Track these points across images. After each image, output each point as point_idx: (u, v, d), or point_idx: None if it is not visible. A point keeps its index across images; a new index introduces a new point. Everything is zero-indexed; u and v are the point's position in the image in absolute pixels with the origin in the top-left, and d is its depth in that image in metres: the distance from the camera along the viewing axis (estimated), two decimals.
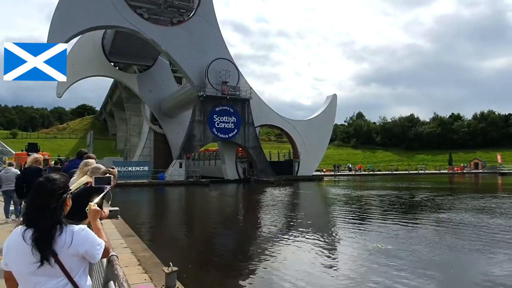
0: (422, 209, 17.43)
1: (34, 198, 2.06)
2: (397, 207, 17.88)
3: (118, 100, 64.35)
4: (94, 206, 2.59)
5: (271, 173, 40.79)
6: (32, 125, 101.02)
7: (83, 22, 34.23)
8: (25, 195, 8.13)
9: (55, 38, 32.72)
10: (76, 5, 33.41)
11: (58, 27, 33.06)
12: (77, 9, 33.32)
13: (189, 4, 39.99)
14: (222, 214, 18.08)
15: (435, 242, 9.77)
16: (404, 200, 20.83)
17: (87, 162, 5.09)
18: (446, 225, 12.43)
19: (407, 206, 18.53)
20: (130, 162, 43.79)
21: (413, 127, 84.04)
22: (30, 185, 2.26)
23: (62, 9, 33.35)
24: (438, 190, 27.25)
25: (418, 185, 32.58)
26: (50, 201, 2.01)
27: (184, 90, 44.74)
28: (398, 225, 12.69)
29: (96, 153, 33.30)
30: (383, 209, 17.18)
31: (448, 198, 21.28)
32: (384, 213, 15.95)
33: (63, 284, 1.96)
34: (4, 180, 10.56)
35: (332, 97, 48.44)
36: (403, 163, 70.99)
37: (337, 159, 70.99)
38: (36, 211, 2.00)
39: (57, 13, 33.32)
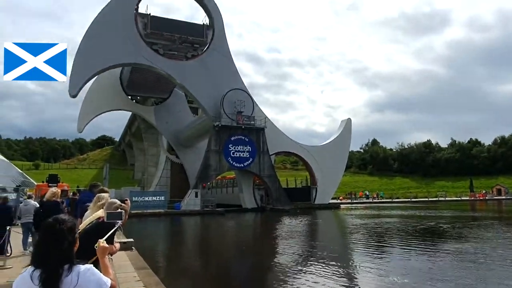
0: (443, 238, 16.88)
1: (43, 239, 2.14)
2: (417, 236, 17.35)
3: (137, 131, 65.81)
4: (103, 243, 2.61)
5: (286, 202, 40.44)
6: (54, 156, 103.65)
7: (104, 61, 35.90)
8: None
9: (78, 77, 34.51)
10: (97, 45, 35.00)
11: (81, 67, 34.59)
12: (98, 49, 34.90)
13: (203, 39, 41.38)
14: (237, 245, 17.92)
15: (456, 277, 9.34)
16: (424, 229, 20.22)
17: (100, 196, 5.25)
18: (469, 257, 11.92)
19: (428, 235, 17.96)
20: (147, 192, 44.18)
21: (430, 153, 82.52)
22: (48, 218, 2.36)
23: (84, 50, 35.01)
24: (460, 218, 26.40)
25: (438, 213, 31.67)
26: (58, 242, 2.04)
27: (200, 120, 45.59)
28: (418, 255, 12.33)
29: (114, 183, 34.09)
30: (402, 239, 16.69)
31: (471, 227, 20.58)
32: (403, 242, 15.49)
33: None
34: (23, 213, 10.84)
35: (346, 122, 48.37)
36: (422, 190, 69.30)
37: (353, 186, 69.92)
38: (44, 252, 2.05)
39: (79, 53, 34.95)
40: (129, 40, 36.81)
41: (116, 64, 38.35)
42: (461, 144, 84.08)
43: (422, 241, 16.08)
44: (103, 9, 36.81)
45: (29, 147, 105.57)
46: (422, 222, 23.96)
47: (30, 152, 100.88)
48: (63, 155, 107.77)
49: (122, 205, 4.27)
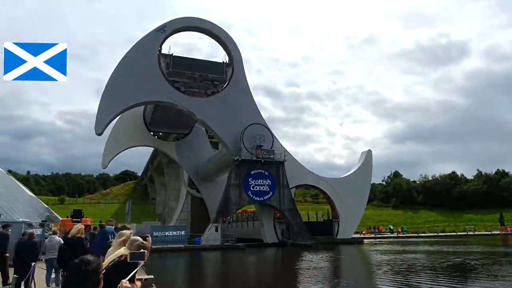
0: (473, 276, 16.12)
1: (69, 279, 2.32)
2: (445, 274, 16.63)
3: (158, 166, 66.96)
4: (126, 283, 2.74)
5: (308, 236, 39.62)
6: (79, 191, 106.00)
7: (129, 100, 37.52)
8: (67, 264, 8.54)
9: (104, 116, 36.19)
10: (122, 85, 36.82)
11: (107, 106, 36.32)
12: (123, 89, 36.69)
13: (223, 77, 42.73)
14: (257, 282, 17.60)
15: None
16: (452, 266, 19.37)
17: (121, 233, 5.43)
18: None
19: (456, 273, 17.19)
20: (168, 226, 44.25)
21: (456, 185, 79.78)
22: (72, 255, 2.52)
23: (110, 90, 36.84)
24: (491, 254, 25.17)
25: (468, 248, 30.28)
26: (84, 283, 2.21)
27: (220, 155, 46.15)
28: None
29: (135, 217, 34.58)
30: (430, 276, 16.02)
31: (502, 263, 19.58)
32: (432, 281, 14.85)
33: None
34: (48, 249, 11.03)
35: (367, 153, 47.81)
36: (450, 223, 66.50)
37: (377, 220, 67.89)
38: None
39: (106, 93, 36.79)
40: (153, 80, 38.45)
41: (140, 103, 40.12)
42: (488, 175, 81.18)
43: (450, 278, 15.41)
44: (128, 51, 38.84)
45: (56, 183, 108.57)
46: (450, 258, 22.98)
47: (56, 187, 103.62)
48: (88, 189, 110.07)
49: (144, 243, 4.38)
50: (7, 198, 29.23)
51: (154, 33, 40.15)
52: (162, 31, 40.28)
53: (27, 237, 10.58)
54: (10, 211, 25.65)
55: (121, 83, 36.89)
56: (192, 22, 42.76)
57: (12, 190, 34.74)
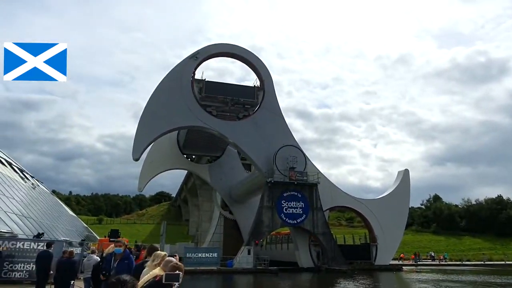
0: None
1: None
2: None
3: (192, 187, 67.94)
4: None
5: (343, 261, 38.28)
6: (116, 211, 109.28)
7: (164, 126, 38.74)
8: (101, 282, 8.68)
9: (141, 142, 37.55)
10: (158, 112, 38.18)
11: (143, 133, 37.68)
12: (159, 115, 38.03)
13: (254, 100, 43.29)
14: None
15: None
16: None
17: (156, 255, 5.51)
18: None
19: None
20: (200, 248, 44.41)
21: (503, 210, 74.88)
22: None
23: (146, 116, 38.29)
24: None
25: None
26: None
27: (252, 176, 46.17)
28: None
29: (169, 238, 35.05)
30: None
31: None
32: None
33: None
34: (86, 268, 11.28)
35: (404, 172, 46.07)
36: (497, 251, 62.16)
37: (417, 246, 64.65)
38: None
39: (142, 120, 38.23)
40: (186, 105, 39.62)
41: (175, 128, 41.36)
42: None
43: None
44: (163, 79, 40.33)
45: (95, 203, 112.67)
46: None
47: (95, 207, 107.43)
48: (124, 210, 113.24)
49: (178, 263, 4.43)
50: (51, 217, 30.62)
51: (187, 61, 41.54)
52: (194, 58, 41.65)
53: (67, 255, 10.94)
54: (52, 230, 26.79)
55: (156, 110, 38.26)
56: (223, 48, 43.90)
57: (55, 209, 36.41)
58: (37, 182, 38.15)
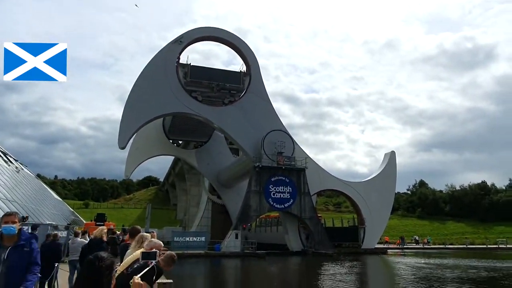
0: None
1: (83, 275, 2.24)
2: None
3: (180, 172, 67.64)
4: (138, 280, 2.65)
5: (329, 245, 38.85)
6: (103, 196, 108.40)
7: (150, 113, 38.08)
8: None
9: (127, 131, 36.90)
10: (143, 99, 37.50)
11: (128, 121, 37.00)
12: (144, 102, 37.35)
13: (240, 86, 42.71)
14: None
15: None
16: (489, 281, 18.37)
17: (143, 236, 5.40)
18: None
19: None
20: (188, 232, 44.43)
21: (486, 196, 76.80)
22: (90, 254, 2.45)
23: (131, 104, 37.51)
24: None
25: (502, 264, 28.77)
26: (97, 278, 2.16)
27: (240, 161, 46.13)
28: None
29: (156, 223, 34.90)
30: None
31: None
32: None
33: None
34: (71, 251, 11.19)
35: (390, 154, 46.71)
36: (480, 235, 63.87)
37: (402, 231, 65.98)
38: (83, 287, 2.17)
39: (127, 108, 37.42)
40: (172, 91, 38.94)
41: (160, 115, 40.67)
42: None
43: None
44: (147, 65, 39.38)
45: (81, 187, 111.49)
46: (483, 273, 21.91)
47: (81, 192, 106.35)
48: (111, 194, 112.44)
49: (163, 248, 4.34)
50: (35, 201, 30.11)
51: (171, 45, 40.62)
52: (179, 42, 40.74)
53: (51, 238, 10.83)
54: (37, 214, 26.36)
55: (141, 97, 37.54)
56: (207, 32, 42.89)
57: (40, 193, 35.83)
58: (21, 165, 37.35)
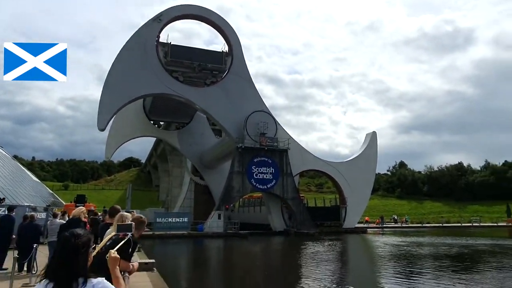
0: (480, 269, 15.85)
1: (58, 252, 2.11)
2: (452, 265, 16.38)
3: (162, 153, 67.01)
4: (114, 254, 2.56)
5: (311, 225, 39.55)
6: (83, 177, 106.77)
7: (129, 94, 36.93)
8: None
9: (106, 112, 35.76)
10: (122, 79, 36.21)
11: (108, 102, 35.78)
12: (123, 83, 36.09)
13: (222, 66, 42.04)
14: (256, 271, 17.50)
15: None
16: (460, 257, 19.10)
17: (123, 216, 5.28)
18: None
19: (464, 265, 16.92)
20: (171, 213, 44.38)
21: (463, 176, 79.35)
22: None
23: (110, 85, 36.22)
24: (499, 247, 24.78)
25: (474, 241, 29.95)
26: (73, 256, 2.06)
27: (223, 142, 45.92)
28: (453, 286, 11.58)
29: (138, 204, 34.54)
30: (437, 268, 15.74)
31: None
32: (438, 272, 14.57)
33: None
34: (50, 232, 11.00)
35: (371, 135, 47.41)
36: (455, 214, 66.24)
37: (382, 210, 67.76)
38: (58, 265, 2.05)
39: (106, 89, 36.13)
40: (152, 71, 37.81)
41: (140, 96, 39.43)
42: (495, 166, 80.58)
43: (460, 271, 15.21)
44: (126, 43, 38.00)
45: (60, 169, 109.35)
46: (456, 249, 22.76)
47: (60, 173, 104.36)
48: (92, 176, 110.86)
49: (142, 217, 4.36)
50: (13, 182, 29.36)
51: (150, 23, 39.31)
52: (158, 20, 39.46)
53: (29, 220, 10.73)
54: (15, 195, 25.74)
55: (120, 77, 36.28)
56: (188, 10, 41.54)
57: (17, 175, 34.91)
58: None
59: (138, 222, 4.03)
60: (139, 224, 4.04)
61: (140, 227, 4.05)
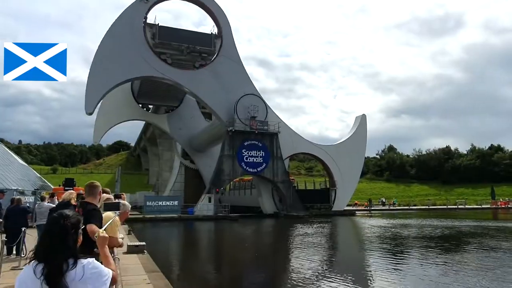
0: (464, 249, 16.31)
1: (47, 233, 2.10)
2: (436, 246, 16.81)
3: (151, 136, 66.53)
4: (103, 233, 2.55)
5: (301, 207, 40.06)
6: (71, 161, 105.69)
7: (117, 77, 36.33)
8: None
9: (93, 96, 35.08)
10: (109, 62, 35.47)
11: (95, 85, 35.08)
12: (110, 66, 35.38)
13: (211, 49, 41.51)
14: (248, 252, 17.73)
15: None
16: (445, 238, 19.59)
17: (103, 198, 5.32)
18: (491, 267, 11.52)
19: (447, 246, 17.38)
20: (161, 196, 44.46)
21: (449, 160, 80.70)
22: None
23: (97, 68, 35.48)
24: (482, 228, 25.45)
25: (459, 222, 30.66)
26: (62, 237, 2.04)
27: (213, 126, 45.76)
28: (436, 265, 11.92)
29: (128, 187, 34.37)
30: (420, 249, 16.15)
31: (496, 236, 19.89)
32: (422, 252, 14.95)
33: None
34: (38, 215, 10.96)
35: (361, 118, 47.78)
36: (441, 197, 67.67)
37: (370, 193, 68.84)
38: (48, 247, 2.03)
39: (92, 71, 35.40)
40: (140, 53, 37.11)
41: (128, 79, 38.83)
42: (481, 150, 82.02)
43: (444, 251, 15.63)
44: (112, 25, 37.20)
45: (48, 152, 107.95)
46: (440, 230, 23.34)
47: (48, 157, 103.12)
48: (80, 159, 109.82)
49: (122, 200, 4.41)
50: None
51: (137, 4, 38.49)
52: (145, 1, 38.67)
53: (15, 203, 10.64)
54: (1, 179, 25.39)
55: (107, 60, 35.53)
56: None
57: (4, 158, 34.34)
58: None
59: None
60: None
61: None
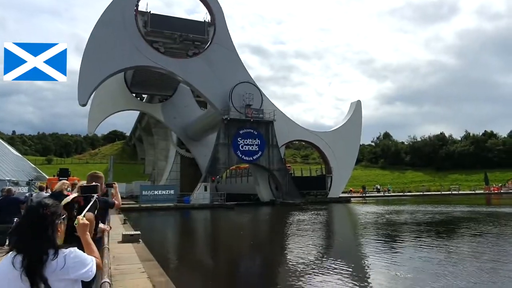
0: (457, 234, 16.47)
1: (25, 223, 2.03)
2: (429, 231, 16.98)
3: (147, 126, 66.19)
4: (83, 220, 2.44)
5: (297, 195, 40.25)
6: (66, 151, 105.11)
7: (109, 68, 35.72)
8: None
9: (86, 87, 34.49)
10: (101, 52, 34.82)
11: (87, 76, 34.48)
12: (102, 56, 34.73)
13: (204, 37, 40.98)
14: (243, 240, 17.82)
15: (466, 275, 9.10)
16: (438, 223, 19.80)
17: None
18: (482, 251, 11.65)
19: (441, 230, 17.53)
20: (157, 186, 44.42)
21: (444, 146, 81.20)
22: None
23: (89, 58, 34.83)
24: (476, 214, 25.70)
25: (452, 208, 30.99)
26: (41, 226, 1.97)
27: (208, 114, 45.55)
28: (430, 251, 12.04)
29: (124, 177, 34.26)
30: (416, 234, 16.29)
31: (488, 221, 20.11)
32: (416, 238, 15.09)
33: None
34: None
35: (356, 104, 47.78)
36: (435, 183, 68.27)
37: (365, 180, 69.28)
38: (26, 237, 1.97)
39: (84, 62, 34.74)
40: (132, 43, 36.50)
41: (122, 69, 38.21)
42: (475, 136, 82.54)
43: (437, 236, 15.78)
44: (103, 13, 36.44)
45: (42, 143, 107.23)
46: (434, 216, 23.57)
47: (43, 148, 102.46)
48: (75, 150, 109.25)
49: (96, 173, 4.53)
50: None
51: None
52: None
53: (6, 193, 10.54)
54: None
55: (99, 50, 34.88)
56: None
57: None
58: None
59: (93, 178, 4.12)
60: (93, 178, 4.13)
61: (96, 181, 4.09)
